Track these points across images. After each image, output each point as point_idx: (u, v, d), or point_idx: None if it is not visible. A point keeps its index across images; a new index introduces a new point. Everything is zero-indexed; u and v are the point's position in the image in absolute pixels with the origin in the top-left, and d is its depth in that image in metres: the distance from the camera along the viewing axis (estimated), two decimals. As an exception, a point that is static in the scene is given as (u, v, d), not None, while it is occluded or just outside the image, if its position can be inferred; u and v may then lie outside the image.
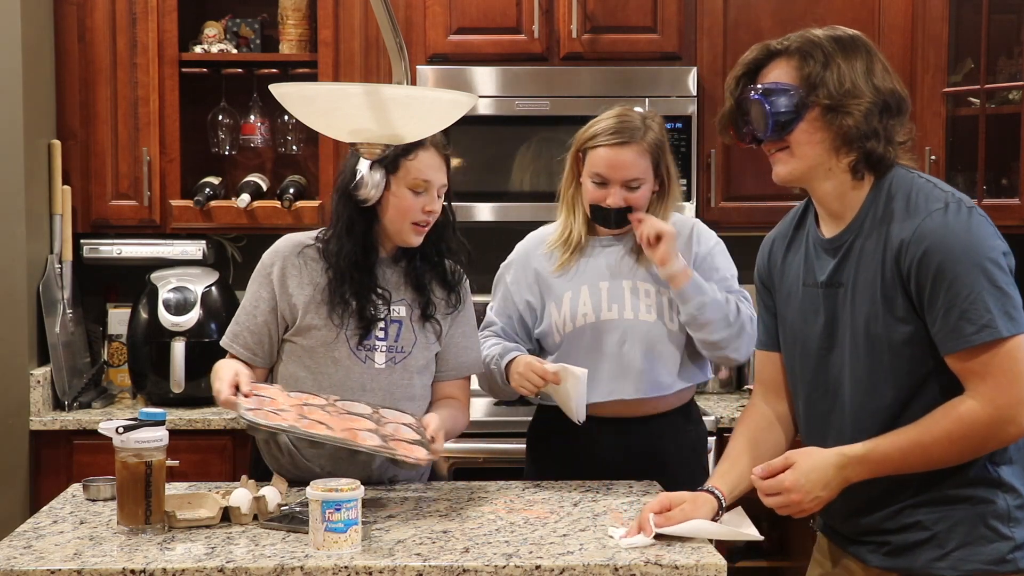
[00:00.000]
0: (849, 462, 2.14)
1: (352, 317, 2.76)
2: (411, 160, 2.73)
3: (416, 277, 2.83)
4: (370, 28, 4.09)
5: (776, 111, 2.17)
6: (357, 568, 2.20)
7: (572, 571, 2.21)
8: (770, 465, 2.19)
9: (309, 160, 4.35)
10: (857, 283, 2.18)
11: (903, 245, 2.11)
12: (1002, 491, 2.14)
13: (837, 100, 2.15)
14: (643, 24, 4.12)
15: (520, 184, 4.06)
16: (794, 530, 4.11)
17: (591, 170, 2.93)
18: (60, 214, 4.07)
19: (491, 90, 4.05)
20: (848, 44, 2.20)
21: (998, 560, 2.12)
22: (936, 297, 2.08)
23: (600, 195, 2.92)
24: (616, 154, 2.90)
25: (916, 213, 2.12)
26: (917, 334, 2.12)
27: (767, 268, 2.44)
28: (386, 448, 2.49)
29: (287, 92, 2.15)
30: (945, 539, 2.15)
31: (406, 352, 2.81)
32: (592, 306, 2.95)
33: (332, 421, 2.54)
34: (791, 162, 2.22)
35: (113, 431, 2.46)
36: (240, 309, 2.86)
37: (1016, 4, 4.08)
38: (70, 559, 2.24)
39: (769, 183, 4.41)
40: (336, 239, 2.78)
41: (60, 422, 3.89)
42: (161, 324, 4.02)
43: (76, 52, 4.10)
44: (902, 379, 2.15)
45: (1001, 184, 4.01)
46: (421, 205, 2.74)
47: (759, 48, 2.25)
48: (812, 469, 2.15)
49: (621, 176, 2.90)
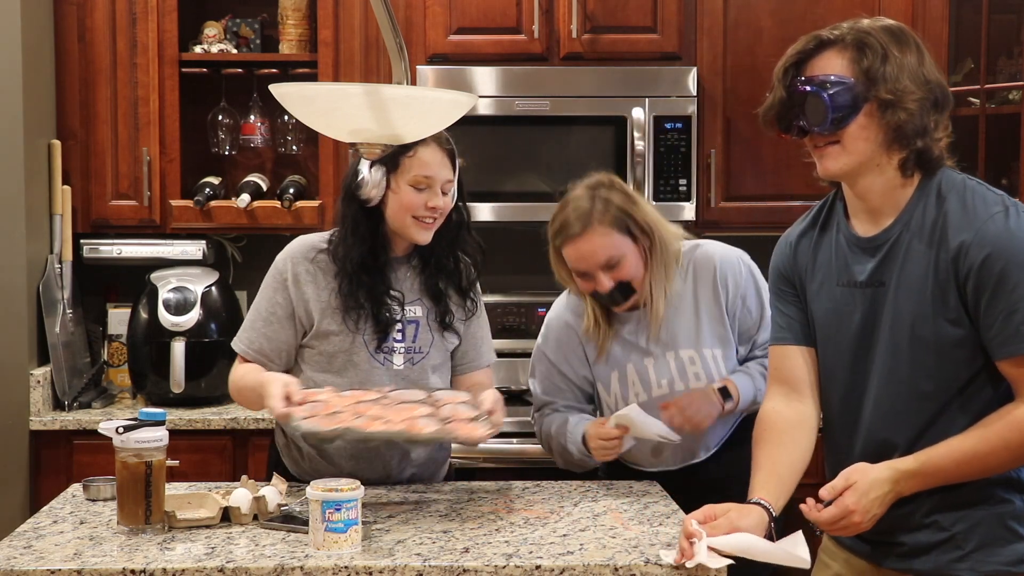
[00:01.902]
0: (902, 476, 2.12)
1: (368, 321, 2.75)
2: (410, 157, 2.72)
3: (433, 285, 2.81)
4: (370, 28, 4.09)
5: (836, 105, 2.12)
6: (357, 568, 2.20)
7: (572, 571, 2.21)
8: (833, 487, 2.13)
9: (309, 160, 4.35)
10: (902, 283, 2.14)
11: (963, 247, 2.07)
12: (1020, 492, 2.13)
13: (894, 95, 2.11)
14: (643, 24, 4.12)
15: (520, 184, 4.06)
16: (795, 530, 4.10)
17: (570, 267, 2.88)
18: (60, 214, 4.07)
19: (491, 90, 4.05)
20: (900, 36, 2.16)
21: (1017, 560, 2.12)
22: (997, 301, 2.04)
23: (588, 286, 2.88)
24: (579, 247, 2.82)
25: (975, 215, 2.08)
26: (967, 337, 2.09)
27: (792, 266, 2.36)
28: (445, 432, 2.48)
29: (287, 92, 2.15)
30: (964, 540, 2.14)
31: (424, 352, 2.81)
32: (642, 385, 2.94)
33: (389, 413, 2.53)
34: (842, 157, 2.16)
35: (113, 431, 2.46)
36: (253, 314, 2.81)
37: (1016, 4, 4.08)
38: (70, 559, 2.24)
39: (769, 183, 4.44)
40: (343, 242, 2.76)
41: (60, 422, 3.89)
42: (161, 324, 4.02)
43: (76, 52, 4.10)
44: (946, 382, 2.12)
45: (1001, 184, 4.00)
46: (424, 201, 2.72)
47: (810, 38, 2.19)
48: (871, 488, 2.11)
49: (595, 264, 2.83)
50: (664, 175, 4.05)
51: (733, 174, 4.16)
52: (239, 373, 2.79)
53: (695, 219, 4.11)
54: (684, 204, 4.06)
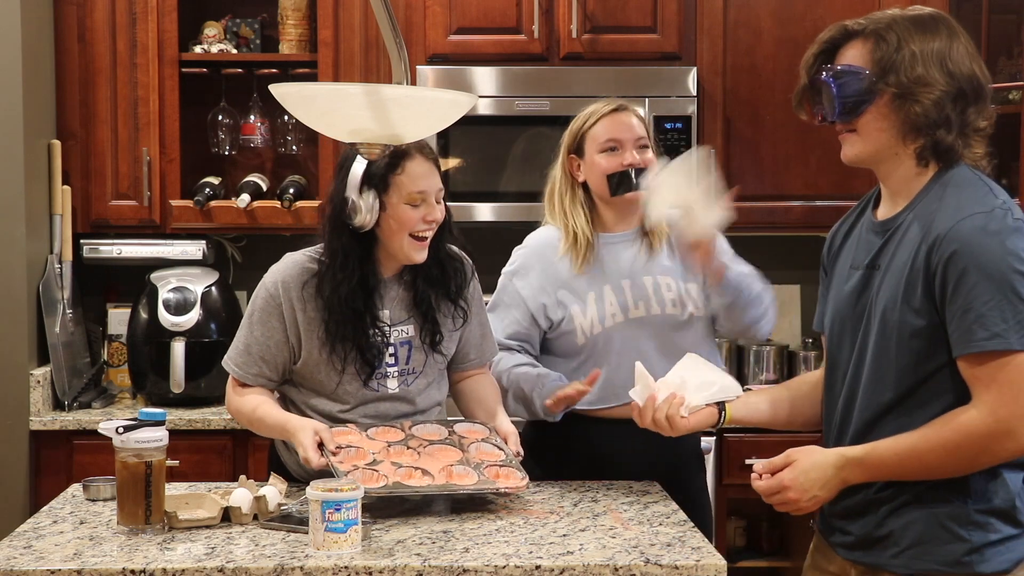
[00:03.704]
0: (848, 463, 2.13)
1: (355, 355, 2.70)
2: (400, 175, 2.66)
3: (424, 301, 2.77)
4: (370, 28, 4.09)
5: (844, 95, 2.13)
6: (357, 568, 2.20)
7: (572, 571, 2.21)
8: (771, 462, 2.19)
9: (309, 160, 4.35)
10: (891, 267, 2.14)
11: (938, 239, 2.06)
12: (965, 495, 2.09)
13: (906, 87, 2.10)
14: (643, 24, 4.12)
15: (520, 184, 4.06)
16: (794, 530, 4.11)
17: (599, 142, 2.95)
18: (60, 214, 4.07)
19: (491, 90, 4.05)
20: (927, 25, 2.14)
21: (952, 562, 2.09)
22: (956, 298, 2.04)
23: (615, 162, 2.94)
24: (620, 118, 2.97)
25: (959, 211, 2.08)
26: (927, 330, 2.08)
27: (827, 253, 2.38)
28: (486, 484, 2.56)
29: (287, 92, 2.15)
30: (900, 536, 2.13)
31: (417, 372, 2.79)
32: (619, 305, 2.95)
33: (425, 463, 2.58)
34: (858, 144, 2.18)
35: (113, 431, 2.46)
36: (248, 338, 2.74)
37: (1016, 4, 4.08)
38: (70, 559, 2.24)
39: (769, 183, 4.45)
40: (330, 277, 2.68)
41: (60, 422, 3.89)
42: (161, 324, 4.02)
43: (76, 52, 4.10)
44: (903, 373, 2.11)
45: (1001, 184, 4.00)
46: (421, 216, 2.67)
47: (836, 27, 2.20)
48: (811, 468, 2.14)
49: (631, 135, 2.96)
50: (664, 175, 4.05)
51: (733, 174, 4.16)
52: (248, 406, 2.73)
53: (695, 219, 4.11)
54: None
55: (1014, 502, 2.10)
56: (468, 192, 3.96)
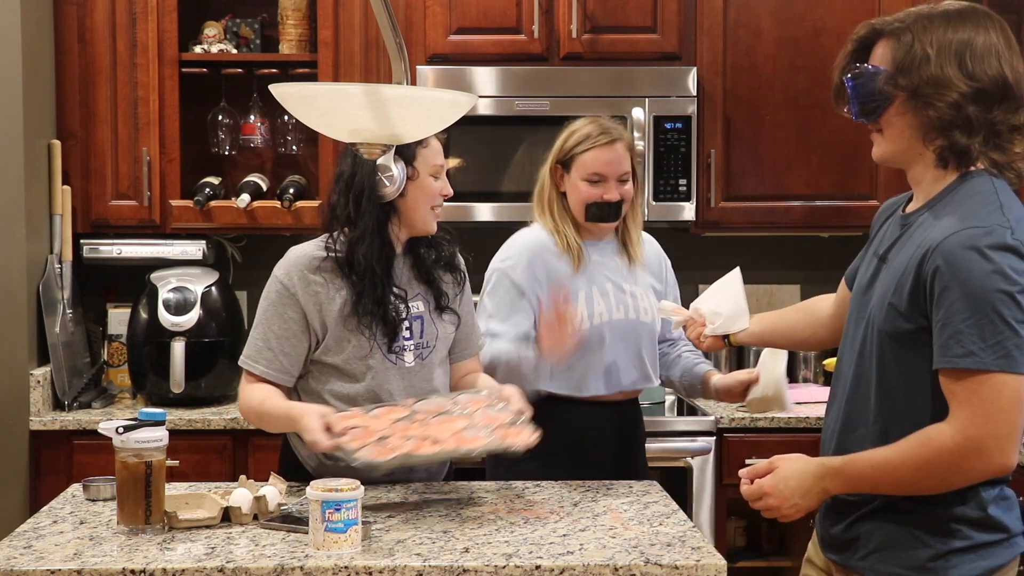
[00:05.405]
0: (827, 473, 2.12)
1: (379, 324, 2.75)
2: (426, 148, 2.77)
3: (425, 271, 2.85)
4: (370, 28, 4.09)
5: (861, 96, 2.13)
6: (357, 568, 2.21)
7: (572, 571, 2.21)
8: (754, 468, 2.19)
9: (309, 160, 4.35)
10: (893, 264, 2.13)
11: (930, 249, 2.03)
12: (932, 502, 2.07)
13: (920, 88, 2.06)
14: (643, 24, 4.12)
15: (520, 184, 4.05)
16: (794, 530, 4.11)
17: (585, 172, 3.06)
18: (60, 214, 4.07)
19: (491, 90, 4.05)
20: (952, 19, 2.09)
21: (917, 567, 2.08)
22: (939, 310, 2.01)
23: (596, 193, 3.06)
24: (609, 152, 3.06)
25: (958, 224, 2.02)
26: (909, 335, 2.06)
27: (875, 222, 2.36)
28: (498, 441, 2.55)
29: (287, 92, 2.15)
30: (867, 539, 2.13)
31: (431, 346, 2.84)
32: (606, 306, 3.09)
33: (432, 430, 2.57)
34: (882, 144, 2.17)
35: (113, 431, 2.46)
36: (266, 332, 2.75)
37: (1016, 4, 4.08)
38: (70, 559, 2.25)
39: (769, 183, 4.44)
40: (363, 243, 2.74)
41: (60, 422, 3.89)
42: (161, 324, 4.02)
43: (76, 52, 4.10)
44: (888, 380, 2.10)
45: None
46: (439, 189, 2.80)
47: (865, 25, 2.17)
48: (791, 476, 2.13)
49: (616, 172, 3.06)
50: (664, 175, 4.05)
51: (733, 174, 4.17)
52: (257, 399, 2.73)
53: (695, 219, 4.11)
54: (684, 204, 4.06)
55: (987, 510, 2.07)
56: (468, 192, 3.95)
